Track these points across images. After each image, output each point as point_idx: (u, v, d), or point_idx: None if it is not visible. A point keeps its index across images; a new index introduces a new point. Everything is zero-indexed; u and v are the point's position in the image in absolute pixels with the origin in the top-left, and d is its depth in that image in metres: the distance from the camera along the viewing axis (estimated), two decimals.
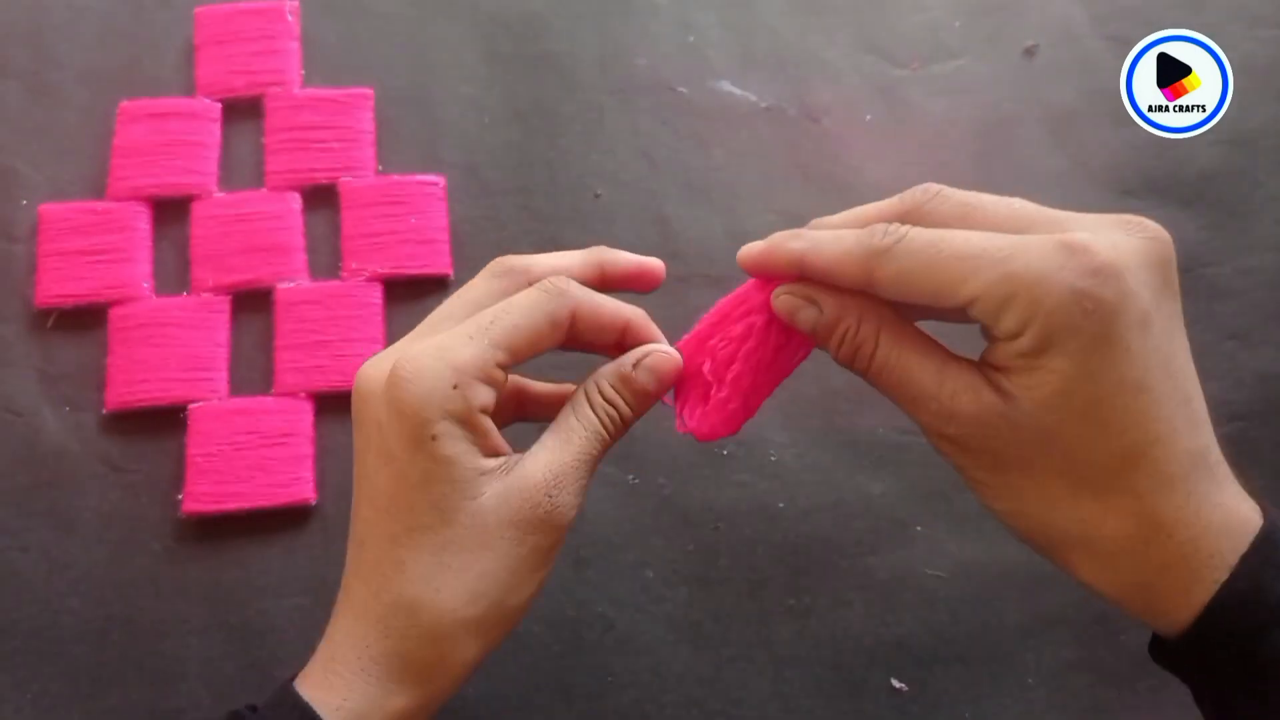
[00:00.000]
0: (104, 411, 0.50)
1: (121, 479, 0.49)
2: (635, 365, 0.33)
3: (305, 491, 0.48)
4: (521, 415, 0.38)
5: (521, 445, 0.33)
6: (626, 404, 0.32)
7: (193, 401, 0.50)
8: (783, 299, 0.31)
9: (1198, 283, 0.55)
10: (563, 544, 0.32)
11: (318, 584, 0.48)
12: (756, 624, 0.48)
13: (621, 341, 0.34)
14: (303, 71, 0.57)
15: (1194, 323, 0.55)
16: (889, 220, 0.30)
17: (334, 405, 0.51)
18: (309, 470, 0.49)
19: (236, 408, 0.50)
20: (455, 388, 0.29)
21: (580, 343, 0.34)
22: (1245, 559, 0.26)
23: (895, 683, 0.47)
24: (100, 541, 0.48)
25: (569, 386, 0.35)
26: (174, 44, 0.57)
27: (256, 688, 0.46)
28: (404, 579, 0.30)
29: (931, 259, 0.28)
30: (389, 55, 0.58)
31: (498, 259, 0.35)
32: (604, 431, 0.32)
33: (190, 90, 0.56)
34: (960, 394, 0.28)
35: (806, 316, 0.31)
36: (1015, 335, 0.27)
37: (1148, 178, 0.57)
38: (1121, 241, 0.27)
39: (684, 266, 0.54)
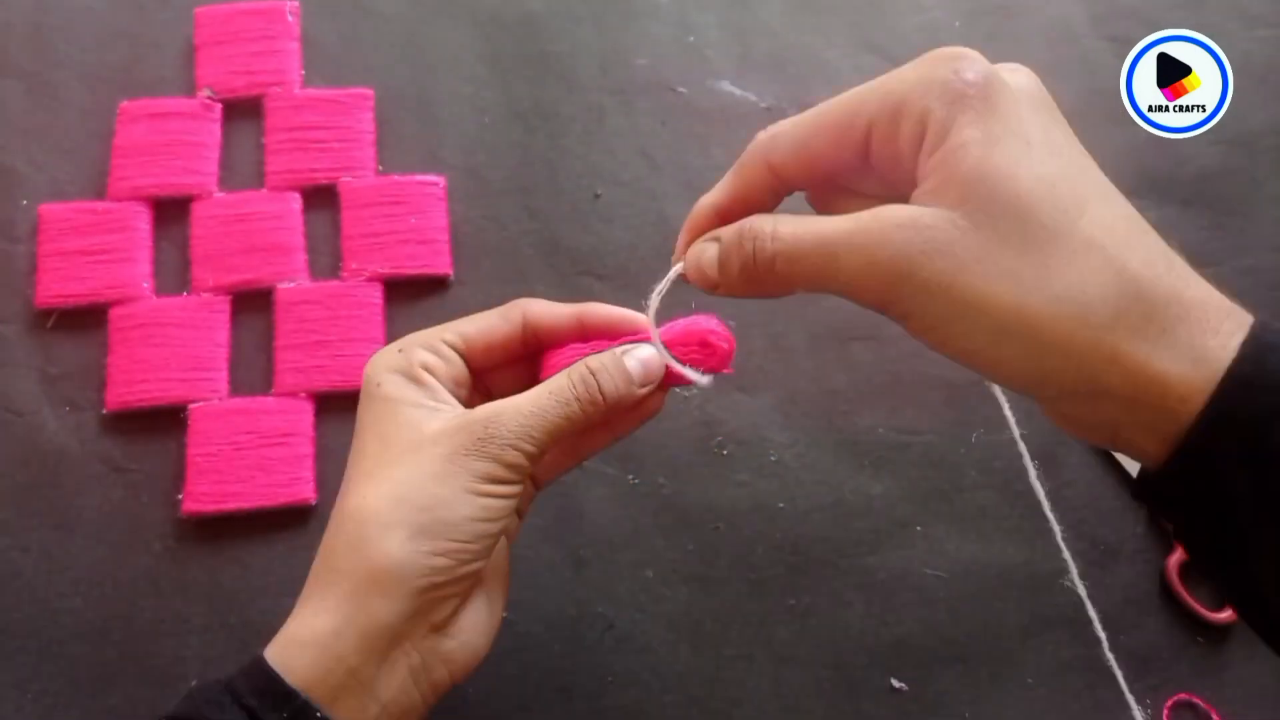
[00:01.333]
0: (104, 411, 0.50)
1: (122, 479, 0.49)
2: (625, 353, 0.35)
3: (305, 491, 0.49)
4: None
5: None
6: (606, 381, 0.34)
7: (193, 401, 0.50)
8: (689, 255, 0.33)
9: None
10: (513, 489, 0.33)
11: None
12: (756, 624, 0.48)
13: (583, 334, 0.37)
14: (303, 72, 0.57)
15: None
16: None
17: (334, 405, 0.51)
18: (309, 470, 0.49)
19: (237, 408, 0.50)
20: (400, 351, 0.35)
21: (541, 341, 0.37)
22: (1247, 341, 0.26)
23: (895, 683, 0.47)
24: (100, 541, 0.48)
25: None
26: (174, 44, 0.57)
27: None
28: (342, 502, 0.33)
29: (818, 114, 0.31)
30: (389, 56, 0.58)
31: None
32: (571, 395, 0.33)
33: (190, 90, 0.56)
34: (883, 213, 0.28)
35: (710, 250, 0.32)
36: (916, 136, 0.28)
37: (1148, 177, 0.57)
38: (990, 64, 0.29)
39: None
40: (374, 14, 0.59)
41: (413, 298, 0.53)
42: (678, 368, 0.35)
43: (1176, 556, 0.49)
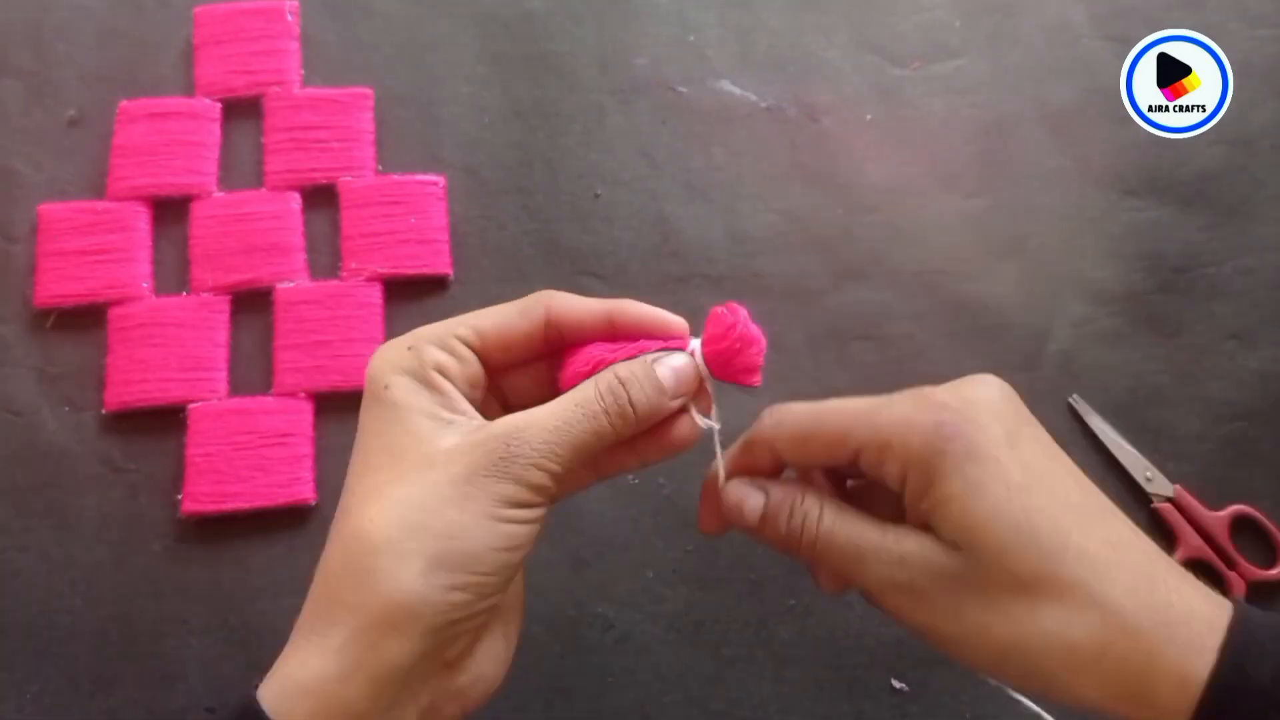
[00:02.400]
0: (104, 411, 0.50)
1: (121, 479, 0.49)
2: (657, 360, 0.32)
3: (305, 492, 0.48)
4: None
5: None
6: (637, 392, 0.31)
7: (192, 401, 0.50)
8: (732, 487, 0.34)
9: (1198, 282, 0.55)
10: (535, 507, 0.30)
11: None
12: (756, 624, 0.48)
13: (613, 334, 0.33)
14: (302, 71, 0.57)
15: (1194, 322, 0.56)
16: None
17: (334, 405, 0.51)
18: (309, 470, 0.49)
19: (236, 408, 0.50)
20: (409, 349, 0.31)
21: (565, 340, 0.34)
22: (1224, 649, 0.26)
23: (895, 683, 0.47)
24: (100, 541, 0.48)
25: None
26: (174, 44, 0.57)
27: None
28: (345, 521, 0.30)
29: (815, 421, 0.32)
30: (389, 55, 0.58)
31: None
32: (599, 408, 0.31)
33: (190, 90, 0.56)
34: (905, 539, 0.30)
35: (754, 504, 0.33)
36: (902, 480, 0.30)
37: (1148, 177, 0.57)
38: (963, 389, 0.31)
39: (684, 266, 0.54)
40: (373, 13, 0.59)
41: (412, 297, 0.53)
42: (710, 385, 0.33)
43: (1178, 557, 0.49)
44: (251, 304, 0.52)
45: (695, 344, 0.34)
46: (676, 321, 0.34)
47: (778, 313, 0.54)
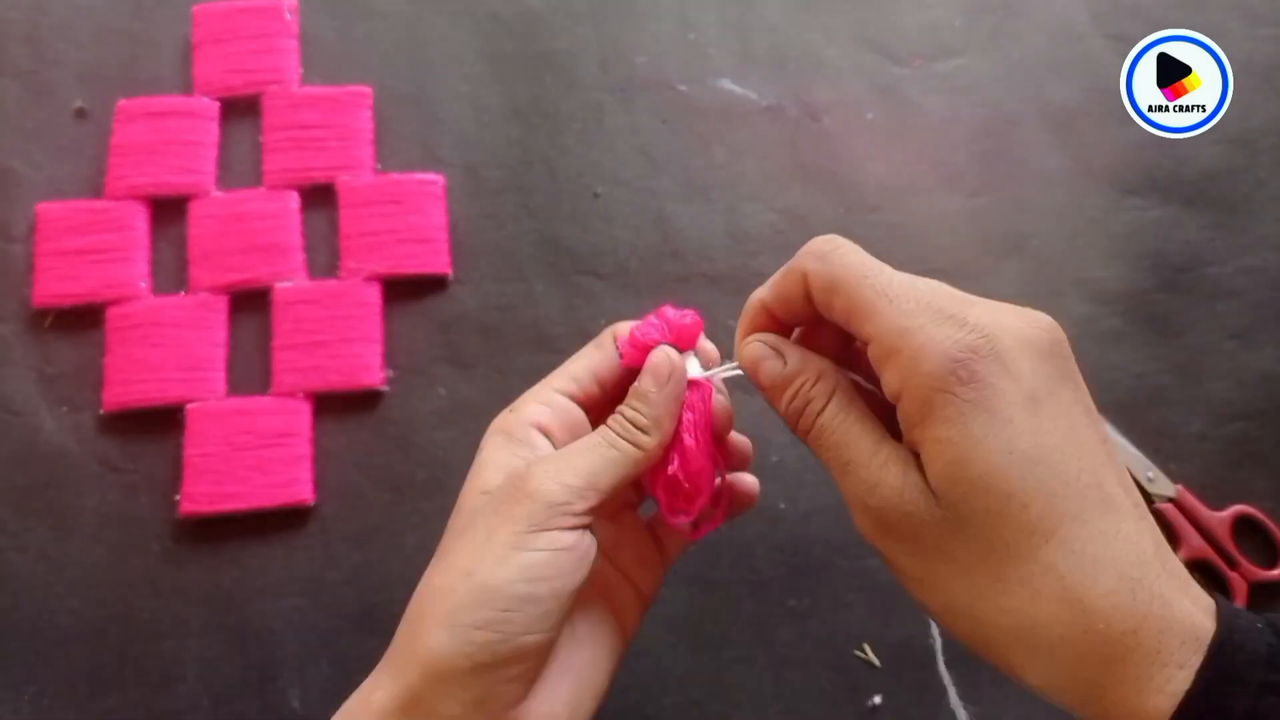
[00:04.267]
0: (101, 411, 0.50)
1: (119, 479, 0.49)
2: (639, 379, 0.33)
3: (303, 492, 0.48)
4: None
5: None
6: (643, 409, 0.32)
7: (190, 401, 0.49)
8: (751, 346, 0.32)
9: (1199, 282, 0.55)
10: (558, 536, 0.30)
11: (316, 585, 0.48)
12: (757, 625, 0.48)
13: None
14: (301, 70, 0.57)
15: (1196, 322, 0.55)
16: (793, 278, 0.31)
17: (332, 405, 0.50)
18: (307, 471, 0.49)
19: (234, 408, 0.50)
20: (510, 411, 0.34)
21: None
22: (1203, 670, 0.24)
23: (895, 684, 0.47)
24: (98, 542, 0.48)
25: None
26: (172, 43, 0.57)
27: (254, 688, 0.46)
28: (424, 577, 0.31)
29: (858, 279, 0.29)
30: (387, 54, 0.58)
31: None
32: (614, 435, 0.32)
33: (188, 89, 0.56)
34: (890, 464, 0.28)
35: (770, 367, 0.31)
36: (896, 396, 0.28)
37: (1149, 176, 0.57)
38: (1009, 321, 0.28)
39: (684, 265, 0.54)
40: (372, 12, 0.58)
41: (411, 297, 0.53)
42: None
43: (1180, 557, 0.49)
44: (249, 303, 0.52)
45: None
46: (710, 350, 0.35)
47: None
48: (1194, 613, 0.25)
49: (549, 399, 0.34)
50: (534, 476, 0.30)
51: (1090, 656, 0.25)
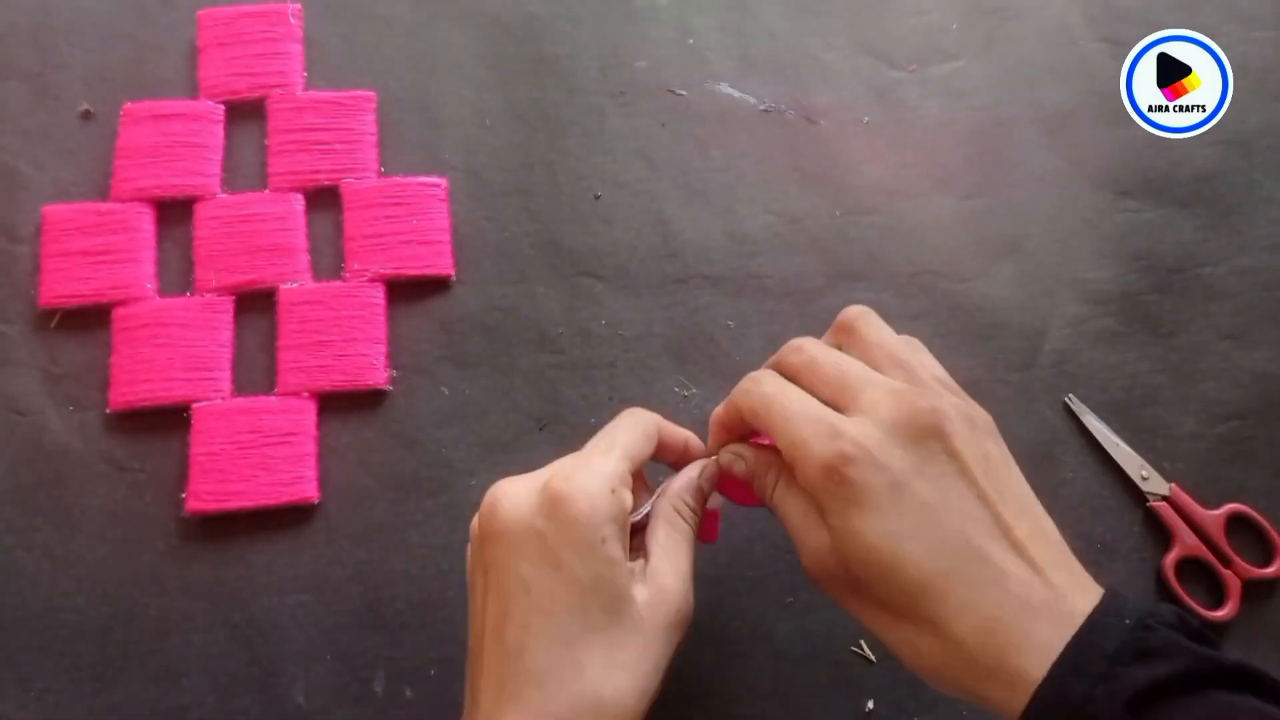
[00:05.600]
0: (108, 411, 0.50)
1: (125, 478, 0.49)
2: (700, 475, 0.40)
3: (308, 490, 0.49)
4: None
5: None
6: (698, 507, 0.40)
7: (196, 401, 0.50)
8: (724, 455, 0.40)
9: (1194, 282, 0.55)
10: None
11: (320, 582, 0.48)
12: (755, 621, 0.48)
13: (684, 456, 0.42)
14: (305, 74, 0.57)
15: (1190, 322, 0.56)
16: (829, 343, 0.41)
17: (336, 405, 0.51)
18: (312, 469, 0.49)
19: (239, 407, 0.50)
20: (613, 493, 0.35)
21: (658, 456, 0.41)
22: (1051, 672, 0.30)
23: (893, 681, 0.47)
24: (104, 540, 0.48)
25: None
26: (177, 46, 0.58)
27: (259, 685, 0.46)
28: (585, 679, 0.33)
29: (766, 408, 0.36)
30: (391, 58, 0.58)
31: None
32: (691, 532, 0.39)
33: (193, 92, 0.56)
34: (812, 530, 0.35)
35: (739, 468, 0.40)
36: (807, 491, 0.35)
37: (1144, 178, 0.58)
38: (886, 421, 0.34)
39: (683, 267, 0.55)
40: (376, 16, 0.59)
41: (414, 298, 0.53)
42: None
43: (1174, 555, 0.49)
44: (255, 304, 0.53)
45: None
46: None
47: (776, 313, 0.54)
48: (1049, 635, 0.30)
49: (629, 482, 0.37)
50: (689, 611, 0.37)
51: (965, 676, 0.32)
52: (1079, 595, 0.32)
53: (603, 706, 0.32)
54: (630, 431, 0.39)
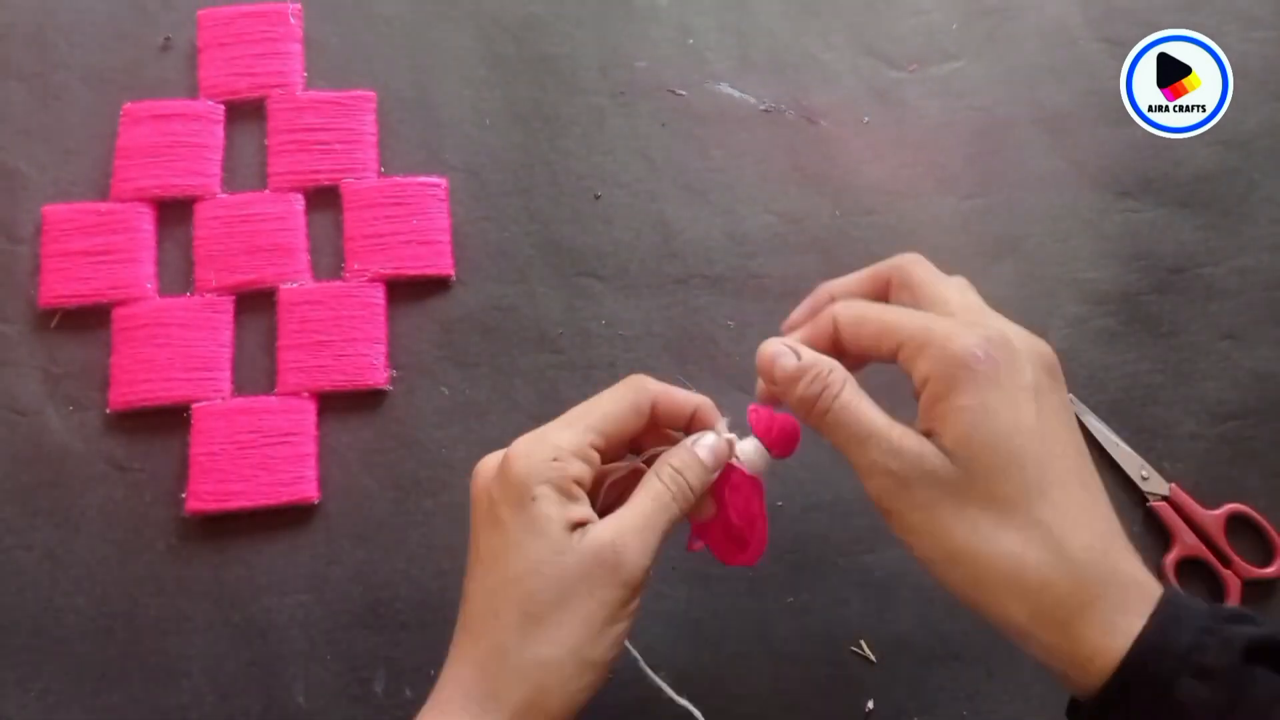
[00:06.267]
0: (108, 411, 0.50)
1: (125, 478, 0.49)
2: (695, 444, 0.38)
3: (308, 490, 0.49)
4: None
5: None
6: (692, 477, 0.37)
7: (196, 401, 0.50)
8: (769, 343, 0.37)
9: (1194, 283, 0.56)
10: (637, 601, 0.35)
11: (320, 582, 0.48)
12: (755, 621, 0.48)
13: (690, 425, 0.39)
14: (305, 74, 0.57)
15: (1189, 322, 0.56)
16: (880, 276, 0.38)
17: (337, 405, 0.51)
18: (312, 469, 0.49)
19: (240, 407, 0.50)
20: (555, 460, 0.35)
21: (659, 427, 0.39)
22: (1155, 615, 0.30)
23: (893, 680, 0.47)
24: (104, 540, 0.48)
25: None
26: (177, 46, 0.58)
27: (259, 685, 0.46)
28: (498, 626, 0.34)
29: (879, 317, 0.35)
30: (391, 58, 0.58)
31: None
32: (669, 497, 0.36)
33: (193, 92, 0.56)
34: (906, 436, 0.33)
35: (785, 362, 0.36)
36: (924, 381, 0.33)
37: (1144, 178, 0.58)
38: (1018, 334, 0.34)
39: (683, 267, 0.55)
40: (376, 16, 0.59)
41: (414, 298, 0.53)
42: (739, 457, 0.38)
43: (1174, 555, 0.49)
44: (255, 304, 0.53)
45: (722, 425, 0.39)
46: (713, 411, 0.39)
47: (776, 313, 0.53)
48: (1148, 577, 0.31)
49: (588, 455, 0.36)
50: (627, 565, 0.34)
51: (1068, 599, 0.30)
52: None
53: (508, 651, 0.33)
54: (613, 404, 0.37)
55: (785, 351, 0.36)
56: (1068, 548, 0.31)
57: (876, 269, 0.38)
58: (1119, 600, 0.30)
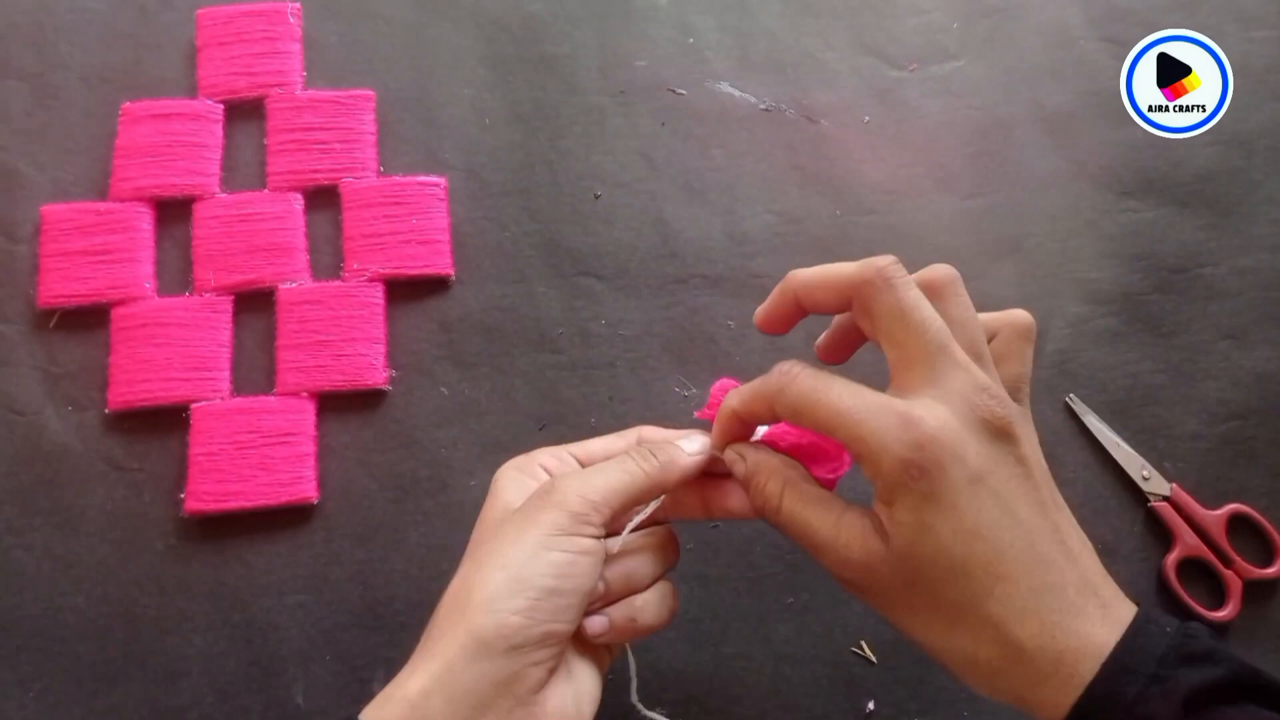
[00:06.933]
0: (107, 411, 0.50)
1: (124, 478, 0.49)
2: (682, 439, 0.39)
3: (307, 490, 0.49)
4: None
5: None
6: (659, 451, 0.38)
7: (195, 401, 0.50)
8: (726, 453, 0.38)
9: (1194, 283, 0.55)
10: (583, 541, 0.34)
11: (319, 582, 0.48)
12: (755, 622, 0.48)
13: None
14: (304, 73, 0.57)
15: (1190, 322, 0.56)
16: (844, 292, 0.36)
17: (336, 405, 0.51)
18: (311, 469, 0.49)
19: (239, 407, 0.50)
20: (525, 454, 0.39)
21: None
22: (1104, 667, 0.31)
23: (893, 681, 0.47)
24: (103, 540, 0.48)
25: None
26: (176, 46, 0.58)
27: (259, 685, 0.46)
28: (455, 579, 0.35)
29: (812, 404, 0.34)
30: (390, 57, 0.58)
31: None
32: (631, 462, 0.37)
33: (192, 91, 0.56)
34: (852, 543, 0.34)
35: (738, 469, 0.38)
36: (872, 480, 0.33)
37: (1145, 178, 0.58)
38: (944, 416, 0.32)
39: (683, 267, 0.55)
40: (375, 16, 0.59)
41: (414, 298, 0.53)
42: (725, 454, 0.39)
43: (1175, 555, 0.49)
44: (254, 304, 0.53)
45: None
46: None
47: None
48: (1105, 639, 0.31)
49: (560, 455, 0.39)
50: (560, 489, 0.35)
51: (1020, 681, 0.32)
52: (1121, 605, 0.32)
53: (453, 591, 0.34)
54: (605, 440, 0.40)
55: (735, 459, 0.38)
56: (1015, 639, 0.31)
57: (848, 281, 0.36)
58: (1070, 673, 0.31)
